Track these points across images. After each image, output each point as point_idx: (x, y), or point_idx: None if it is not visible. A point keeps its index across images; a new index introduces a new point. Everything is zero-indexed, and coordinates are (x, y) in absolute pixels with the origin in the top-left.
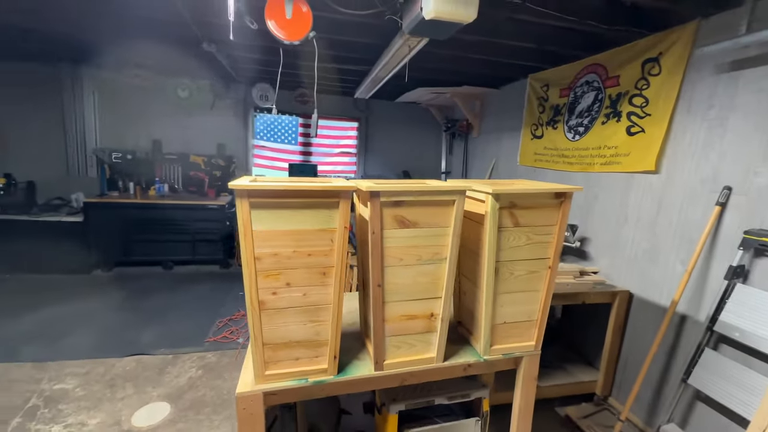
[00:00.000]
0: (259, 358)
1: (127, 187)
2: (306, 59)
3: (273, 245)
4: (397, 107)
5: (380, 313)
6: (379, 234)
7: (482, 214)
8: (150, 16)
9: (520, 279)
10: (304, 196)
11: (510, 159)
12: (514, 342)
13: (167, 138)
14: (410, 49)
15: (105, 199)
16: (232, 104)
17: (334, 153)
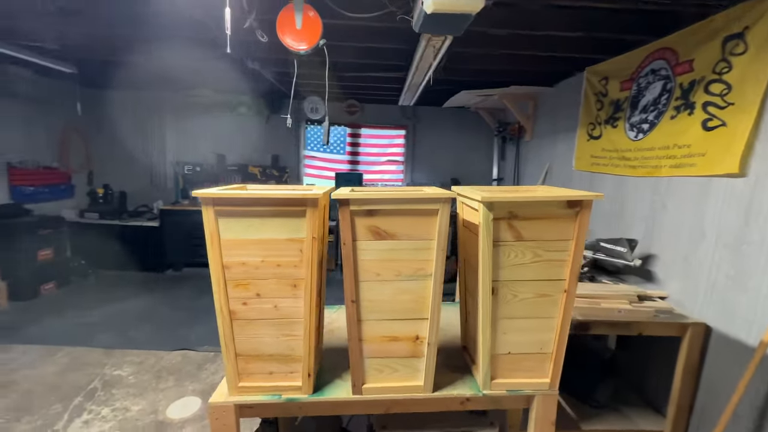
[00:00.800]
0: (232, 368)
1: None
2: (352, 70)
3: (241, 254)
4: (445, 113)
5: (356, 332)
6: (350, 245)
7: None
8: (197, 38)
9: (528, 303)
10: (269, 204)
11: (565, 164)
12: (522, 377)
13: (229, 151)
14: (436, 50)
15: (177, 206)
16: (286, 118)
17: (381, 161)
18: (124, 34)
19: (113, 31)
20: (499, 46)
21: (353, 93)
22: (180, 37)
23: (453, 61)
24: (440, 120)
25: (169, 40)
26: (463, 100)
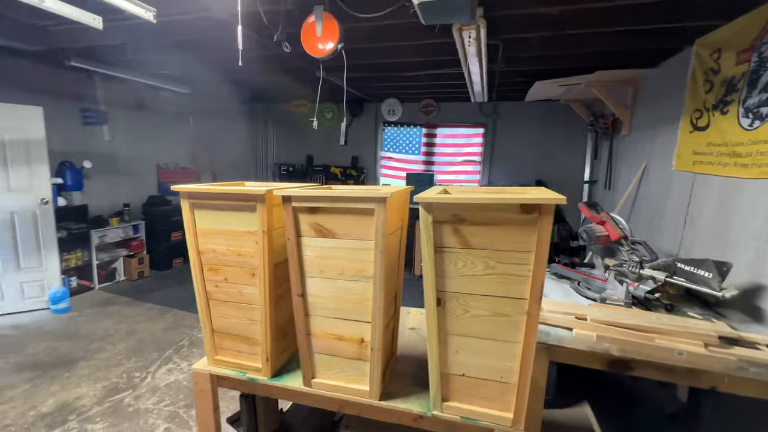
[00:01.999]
0: (209, 341)
1: None
2: (407, 70)
3: (211, 242)
4: (529, 107)
5: (303, 326)
6: (294, 241)
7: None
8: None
9: (482, 321)
10: (228, 199)
11: (664, 163)
12: (480, 405)
13: (316, 153)
14: (475, 40)
15: None
16: (365, 120)
17: (456, 162)
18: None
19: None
20: (573, 24)
21: (429, 92)
22: (275, 64)
23: (515, 48)
24: (523, 116)
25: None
26: (545, 92)
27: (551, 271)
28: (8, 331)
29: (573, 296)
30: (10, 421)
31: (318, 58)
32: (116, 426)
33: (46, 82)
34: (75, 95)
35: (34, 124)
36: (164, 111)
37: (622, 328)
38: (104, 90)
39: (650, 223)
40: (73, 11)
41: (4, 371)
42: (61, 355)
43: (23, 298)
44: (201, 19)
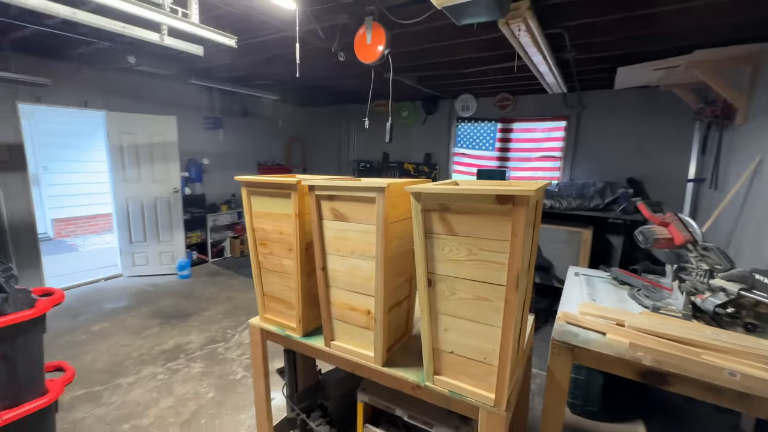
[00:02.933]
0: (260, 302)
1: None
2: (493, 63)
3: (262, 222)
4: (620, 96)
5: (324, 295)
6: (317, 222)
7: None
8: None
9: (467, 303)
10: (272, 187)
11: None
12: (466, 383)
13: (392, 151)
14: (526, 31)
15: None
16: (439, 117)
17: (533, 158)
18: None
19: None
20: (643, 2)
21: (504, 86)
22: (350, 69)
23: (585, 35)
24: (614, 105)
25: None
26: (637, 78)
27: (611, 275)
28: (149, 288)
29: (627, 303)
30: (144, 351)
31: (369, 63)
32: (209, 367)
33: (178, 97)
34: (199, 106)
35: (169, 130)
36: (263, 115)
37: (664, 338)
38: (219, 101)
39: (759, 229)
40: (183, 44)
41: (145, 316)
42: (180, 309)
43: (160, 264)
44: (279, 38)
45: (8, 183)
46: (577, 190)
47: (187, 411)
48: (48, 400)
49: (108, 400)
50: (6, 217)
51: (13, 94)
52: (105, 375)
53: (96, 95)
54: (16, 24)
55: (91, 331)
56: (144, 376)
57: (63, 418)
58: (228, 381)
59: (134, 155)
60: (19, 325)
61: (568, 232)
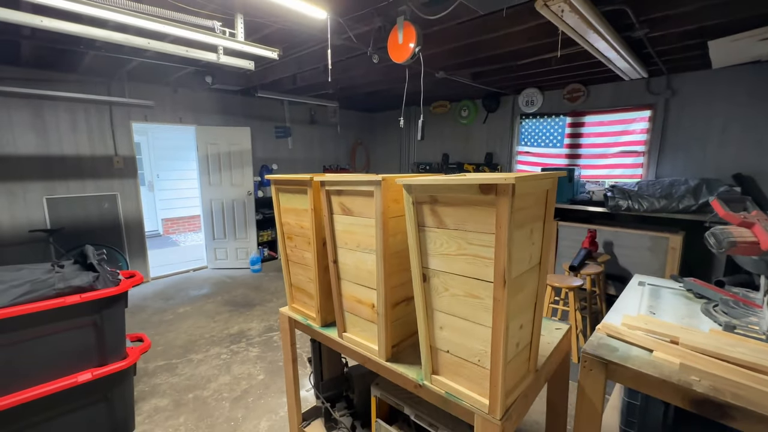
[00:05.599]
0: (288, 292)
1: None
2: (522, 57)
3: (288, 216)
4: (723, 77)
5: (336, 287)
6: (329, 217)
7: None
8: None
9: (459, 301)
10: (291, 184)
11: None
12: (463, 385)
13: (452, 152)
14: (562, 13)
15: None
16: (501, 115)
17: (610, 154)
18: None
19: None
20: None
21: (573, 76)
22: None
23: (653, 8)
24: (714, 88)
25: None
26: (741, 53)
27: (685, 286)
28: (226, 279)
29: (698, 319)
30: (214, 334)
31: (402, 63)
32: (264, 353)
33: (252, 109)
34: (270, 117)
35: (244, 140)
36: (329, 122)
37: (729, 362)
38: (289, 111)
39: None
40: (236, 60)
41: (219, 303)
42: (249, 299)
43: (237, 259)
44: (324, 49)
45: (124, 188)
46: (662, 189)
47: (239, 389)
48: (126, 363)
49: (181, 372)
50: (122, 215)
51: (128, 115)
52: (181, 350)
53: (188, 112)
54: (125, 58)
55: (177, 313)
56: (211, 354)
57: (146, 382)
58: (277, 366)
59: (217, 163)
60: (105, 300)
61: (651, 238)
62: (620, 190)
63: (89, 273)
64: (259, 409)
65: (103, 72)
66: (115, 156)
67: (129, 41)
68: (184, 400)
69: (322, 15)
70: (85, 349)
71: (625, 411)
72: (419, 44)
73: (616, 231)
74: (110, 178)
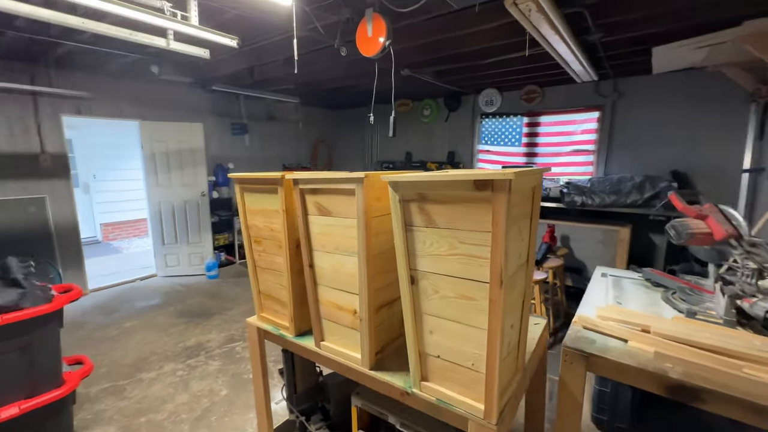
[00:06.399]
0: (257, 300)
1: None
2: (512, 52)
3: (255, 218)
4: (662, 82)
5: (312, 293)
6: (303, 218)
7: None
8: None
9: (451, 303)
10: (259, 183)
11: None
12: (455, 391)
13: (415, 150)
14: (530, 12)
15: None
16: (462, 114)
17: (564, 152)
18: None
19: (316, 67)
20: None
21: (530, 78)
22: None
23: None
24: (654, 92)
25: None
26: (678, 59)
27: (644, 276)
28: (178, 287)
29: (659, 307)
30: (168, 348)
31: (371, 57)
32: (226, 365)
33: (206, 104)
34: (226, 113)
35: (196, 137)
36: (289, 119)
37: (697, 347)
38: (246, 107)
39: None
40: (189, 48)
41: (172, 315)
42: (206, 308)
43: (190, 265)
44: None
45: (54, 189)
46: (611, 186)
47: (200, 407)
48: (63, 391)
49: (130, 394)
50: (52, 221)
51: (57, 108)
52: (130, 369)
53: (131, 106)
54: (54, 41)
55: (123, 328)
56: (165, 372)
57: (88, 408)
58: (241, 380)
59: (165, 161)
60: (35, 319)
61: (603, 231)
62: (575, 186)
63: (13, 290)
64: (225, 428)
65: (24, 56)
66: (41, 154)
67: (58, 19)
68: (135, 426)
69: (287, 2)
70: (11, 379)
71: (596, 399)
72: (389, 38)
73: (572, 225)
74: (37, 178)
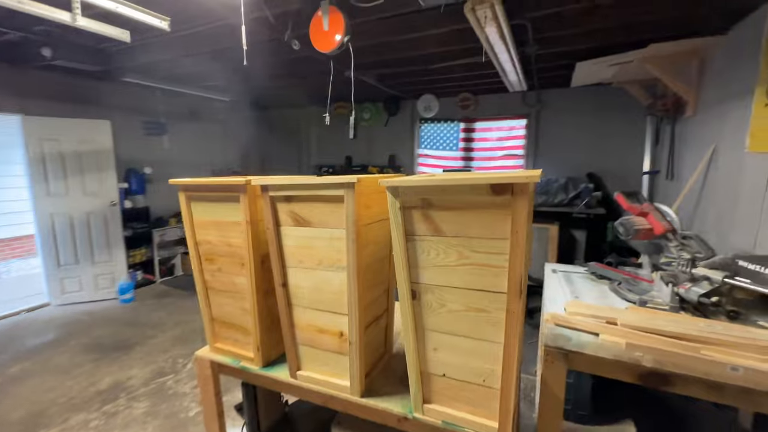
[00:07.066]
0: (209, 329)
1: None
2: (434, 62)
3: (206, 233)
4: (577, 94)
5: (287, 316)
6: (273, 230)
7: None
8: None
9: (460, 317)
10: (216, 190)
11: (735, 145)
12: (463, 411)
13: (355, 154)
14: (485, 19)
15: None
16: (401, 118)
17: (497, 156)
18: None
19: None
20: None
21: (465, 86)
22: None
23: (548, 27)
24: (572, 103)
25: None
26: (593, 75)
27: (589, 270)
28: (82, 316)
29: (610, 298)
30: (74, 395)
31: (327, 53)
32: (156, 406)
33: (114, 98)
34: (138, 109)
35: (103, 136)
36: (216, 119)
37: (660, 335)
38: (163, 103)
39: (719, 216)
40: (103, 27)
41: (76, 351)
42: (122, 339)
43: (97, 289)
44: (221, 27)
45: None
46: (541, 187)
47: None
48: None
49: None
50: None
51: None
52: (21, 428)
53: (9, 97)
54: None
55: (7, 375)
56: (72, 425)
57: None
58: (179, 420)
59: (59, 166)
60: None
61: (537, 229)
62: None
63: None
64: None
65: None
66: None
67: None
68: None
69: None
70: None
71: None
72: (348, 33)
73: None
74: None
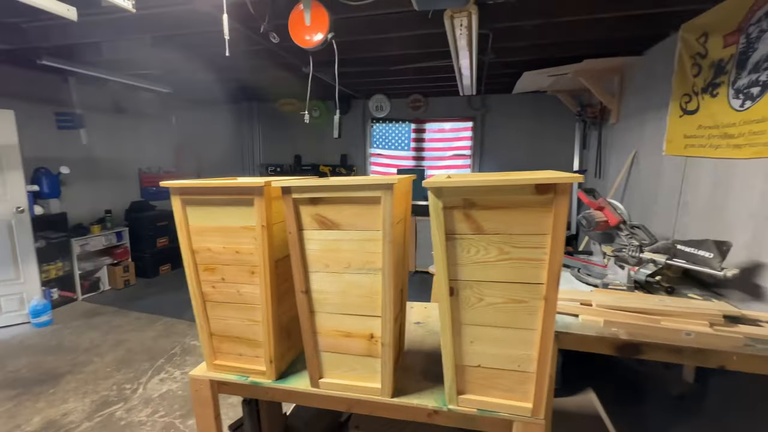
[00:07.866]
0: (207, 346)
1: None
2: (397, 63)
3: (206, 240)
4: (517, 100)
5: (309, 324)
6: (296, 234)
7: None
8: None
9: (498, 309)
10: (223, 193)
11: (654, 149)
12: (497, 397)
13: (305, 153)
14: (466, 28)
15: None
16: (353, 117)
17: (446, 156)
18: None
19: (204, 51)
20: (564, 10)
21: (416, 87)
22: (263, 60)
23: (505, 38)
24: (512, 108)
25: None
26: (533, 83)
27: None
28: None
29: (574, 283)
30: None
31: (307, 49)
32: None
33: (17, 85)
34: (49, 98)
35: (5, 129)
36: (146, 113)
37: (629, 312)
38: (80, 92)
39: (643, 209)
40: (44, 1)
41: None
42: (46, 370)
43: (1, 313)
44: (184, 12)
45: None
46: None
47: None
48: None
49: None
50: None
51: None
52: None
53: None
54: None
55: None
56: None
57: None
58: None
59: None
60: None
61: None
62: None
63: None
64: None
65: None
66: None
67: None
68: None
69: None
70: None
71: None
72: (332, 31)
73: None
74: None
